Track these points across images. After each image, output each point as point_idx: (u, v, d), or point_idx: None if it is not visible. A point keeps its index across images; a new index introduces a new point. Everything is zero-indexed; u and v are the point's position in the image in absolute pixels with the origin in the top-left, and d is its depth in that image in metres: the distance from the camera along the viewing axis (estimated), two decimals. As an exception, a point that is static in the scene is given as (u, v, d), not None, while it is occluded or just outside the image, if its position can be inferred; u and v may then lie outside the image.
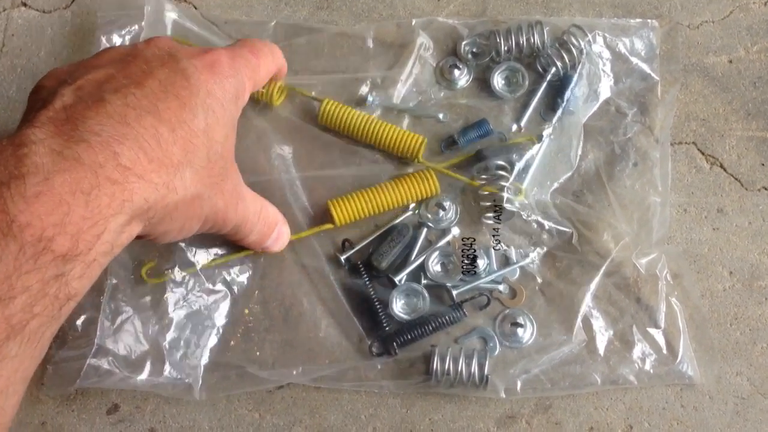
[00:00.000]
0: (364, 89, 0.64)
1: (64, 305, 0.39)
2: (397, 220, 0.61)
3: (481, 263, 0.60)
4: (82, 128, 0.40)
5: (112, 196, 0.39)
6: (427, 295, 0.59)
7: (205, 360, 0.59)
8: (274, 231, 0.57)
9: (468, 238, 0.61)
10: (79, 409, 0.59)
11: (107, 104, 0.41)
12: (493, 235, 0.61)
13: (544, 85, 0.63)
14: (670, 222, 0.62)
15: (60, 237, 0.37)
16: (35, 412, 0.59)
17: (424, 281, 0.60)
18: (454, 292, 0.59)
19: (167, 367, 0.58)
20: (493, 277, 0.60)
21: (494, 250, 0.61)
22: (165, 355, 0.59)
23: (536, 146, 0.61)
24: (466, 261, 0.60)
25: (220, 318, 0.60)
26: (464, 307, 0.59)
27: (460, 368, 0.57)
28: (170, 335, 0.59)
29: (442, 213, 0.61)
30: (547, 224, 0.61)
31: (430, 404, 0.60)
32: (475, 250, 0.60)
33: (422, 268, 0.60)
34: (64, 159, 0.38)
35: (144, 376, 0.58)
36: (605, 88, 0.63)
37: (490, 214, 0.60)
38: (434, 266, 0.61)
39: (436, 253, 0.61)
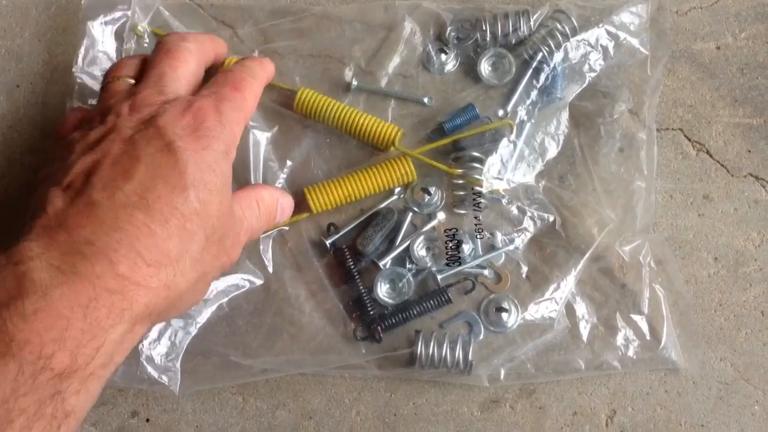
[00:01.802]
0: (348, 73, 0.63)
1: (63, 423, 0.38)
2: (382, 205, 0.61)
3: (466, 248, 0.60)
4: (76, 237, 0.40)
5: (110, 307, 0.39)
6: (411, 279, 0.59)
7: (185, 351, 0.58)
8: (277, 211, 0.56)
9: (450, 229, 0.60)
10: (61, 391, 0.59)
11: (97, 208, 0.41)
12: (476, 224, 0.61)
13: (530, 71, 0.63)
14: (656, 208, 0.62)
15: (59, 353, 0.37)
16: (17, 394, 0.59)
17: (408, 266, 0.60)
18: (439, 277, 0.59)
19: (144, 361, 0.58)
20: (478, 262, 0.60)
21: (478, 238, 0.61)
22: (142, 348, 0.58)
23: (516, 132, 0.61)
24: (450, 250, 0.60)
25: (203, 305, 0.59)
26: (449, 292, 0.59)
27: (444, 353, 0.57)
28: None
29: (427, 198, 0.61)
30: (530, 210, 0.61)
31: (414, 388, 0.59)
32: (460, 240, 0.60)
33: (407, 252, 0.60)
34: (61, 273, 0.38)
35: (120, 372, 0.57)
36: (592, 67, 0.62)
37: (464, 205, 0.60)
38: (419, 251, 0.60)
39: (421, 237, 0.60)
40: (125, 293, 0.39)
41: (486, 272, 0.60)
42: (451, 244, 0.60)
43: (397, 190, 0.61)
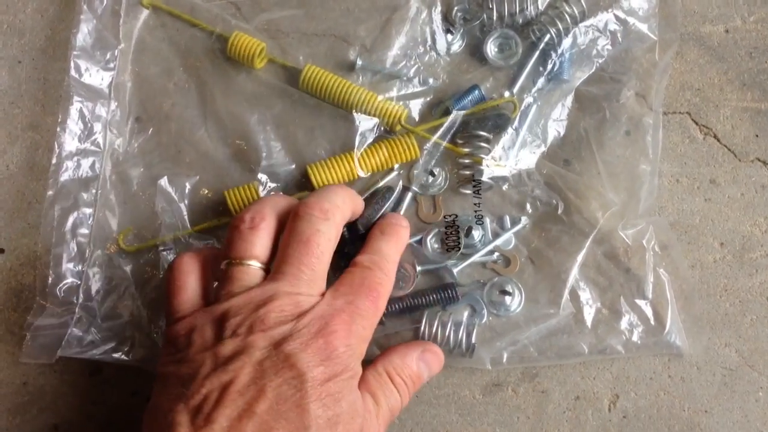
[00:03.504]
0: (353, 53, 0.63)
1: None
2: (381, 183, 0.60)
3: (477, 234, 0.59)
4: None
5: None
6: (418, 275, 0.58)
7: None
8: (422, 372, 0.54)
9: (450, 215, 0.60)
10: (61, 369, 0.59)
11: None
12: (475, 211, 0.60)
13: (537, 53, 0.62)
14: (662, 192, 0.61)
15: None
16: (17, 371, 0.59)
17: (420, 268, 0.59)
18: (455, 270, 0.59)
19: (152, 342, 0.58)
20: (489, 248, 0.59)
21: (476, 224, 0.60)
22: (151, 328, 0.58)
23: (521, 113, 0.60)
24: (449, 236, 0.59)
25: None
26: (457, 289, 0.58)
27: (447, 334, 0.56)
28: (156, 306, 0.58)
29: (431, 178, 0.61)
30: (533, 195, 0.60)
31: (416, 370, 0.59)
32: (470, 227, 0.59)
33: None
34: None
35: (128, 349, 0.57)
36: (600, 52, 0.61)
37: (469, 186, 0.60)
38: (433, 243, 0.60)
39: (436, 230, 0.60)
40: None
41: (494, 256, 0.60)
42: (450, 230, 0.59)
43: (396, 166, 0.61)
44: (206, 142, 0.61)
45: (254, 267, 0.49)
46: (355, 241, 0.58)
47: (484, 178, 0.59)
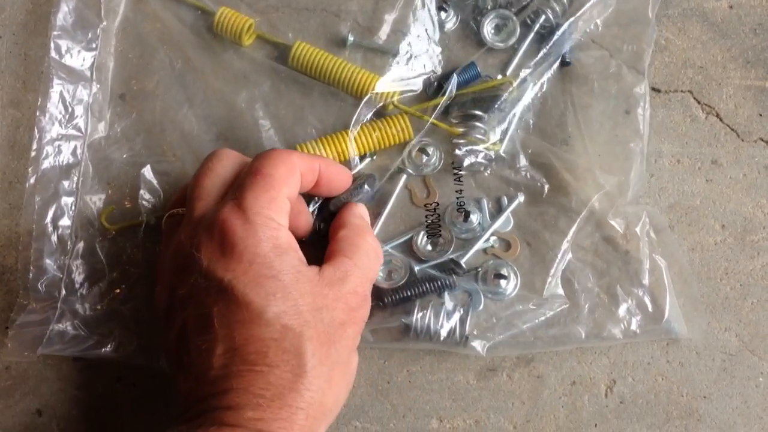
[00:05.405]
0: (344, 29, 0.61)
1: None
2: (355, 170, 0.58)
3: (474, 218, 0.58)
4: (207, 407, 0.43)
5: None
6: (408, 263, 0.57)
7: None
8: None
9: (431, 203, 0.58)
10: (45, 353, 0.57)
11: (208, 380, 0.43)
12: (457, 198, 0.58)
13: (531, 35, 0.60)
14: (662, 173, 0.60)
15: None
16: (-1, 355, 0.58)
17: (418, 267, 0.57)
18: (462, 261, 0.57)
19: (137, 336, 0.56)
20: (491, 231, 0.58)
21: (457, 210, 0.58)
22: (135, 322, 0.56)
23: (516, 93, 0.59)
24: (430, 222, 0.57)
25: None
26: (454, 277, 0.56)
27: (440, 324, 0.55)
28: (141, 300, 0.57)
29: (425, 158, 0.59)
30: (528, 173, 0.59)
31: (409, 355, 0.58)
32: (468, 211, 0.58)
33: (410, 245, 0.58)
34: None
35: (112, 344, 0.56)
36: (591, 16, 0.59)
37: (463, 165, 0.58)
38: (424, 246, 0.58)
39: (421, 232, 0.58)
40: (263, 430, 0.42)
41: (492, 240, 0.58)
42: (432, 219, 0.58)
43: (367, 153, 0.59)
44: (191, 122, 0.60)
45: (181, 214, 0.51)
46: (326, 218, 0.55)
47: (479, 159, 0.58)
